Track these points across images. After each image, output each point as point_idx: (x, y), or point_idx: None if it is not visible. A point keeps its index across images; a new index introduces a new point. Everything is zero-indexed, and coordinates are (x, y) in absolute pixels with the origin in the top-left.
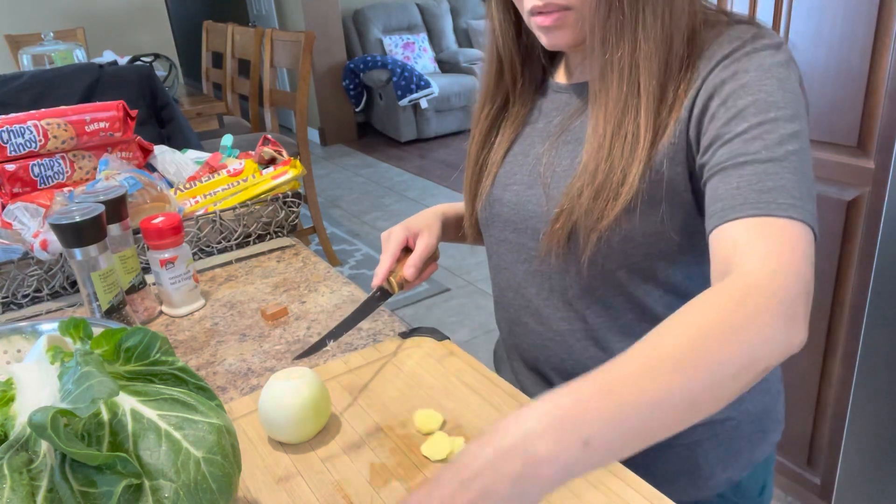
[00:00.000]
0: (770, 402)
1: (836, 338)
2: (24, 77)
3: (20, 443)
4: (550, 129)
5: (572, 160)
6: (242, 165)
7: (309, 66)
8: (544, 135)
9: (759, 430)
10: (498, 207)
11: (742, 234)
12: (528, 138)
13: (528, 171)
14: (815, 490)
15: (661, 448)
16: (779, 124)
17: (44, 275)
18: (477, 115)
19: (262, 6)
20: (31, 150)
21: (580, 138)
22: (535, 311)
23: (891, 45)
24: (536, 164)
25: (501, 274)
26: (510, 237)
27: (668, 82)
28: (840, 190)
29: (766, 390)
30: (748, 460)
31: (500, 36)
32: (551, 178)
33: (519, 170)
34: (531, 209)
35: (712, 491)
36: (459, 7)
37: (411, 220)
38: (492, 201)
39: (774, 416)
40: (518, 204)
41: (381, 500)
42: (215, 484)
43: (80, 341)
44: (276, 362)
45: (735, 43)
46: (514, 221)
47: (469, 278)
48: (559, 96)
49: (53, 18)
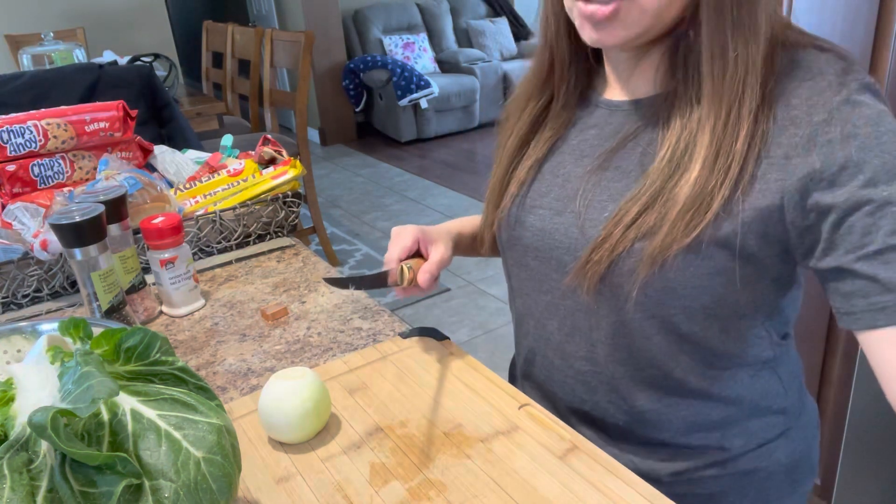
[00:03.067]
0: (805, 450)
1: (836, 338)
2: (24, 77)
3: (20, 443)
4: (585, 150)
5: (612, 192)
6: (242, 165)
7: (309, 66)
8: (577, 154)
9: (790, 481)
10: (520, 230)
11: None
12: (559, 155)
13: (557, 194)
14: (815, 490)
15: (685, 496)
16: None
17: (44, 275)
18: (517, 114)
19: (262, 6)
20: (31, 150)
21: (626, 168)
22: (556, 346)
23: (891, 45)
24: (567, 188)
25: (522, 300)
26: (532, 264)
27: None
28: None
29: (801, 438)
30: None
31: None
32: (586, 209)
33: (548, 191)
34: (559, 239)
35: None
36: (459, 7)
37: (426, 227)
38: (513, 222)
39: (808, 465)
40: (543, 231)
41: (381, 500)
42: (215, 484)
43: (80, 341)
44: (276, 362)
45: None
46: (538, 248)
47: (469, 278)
48: (603, 113)
49: (53, 18)
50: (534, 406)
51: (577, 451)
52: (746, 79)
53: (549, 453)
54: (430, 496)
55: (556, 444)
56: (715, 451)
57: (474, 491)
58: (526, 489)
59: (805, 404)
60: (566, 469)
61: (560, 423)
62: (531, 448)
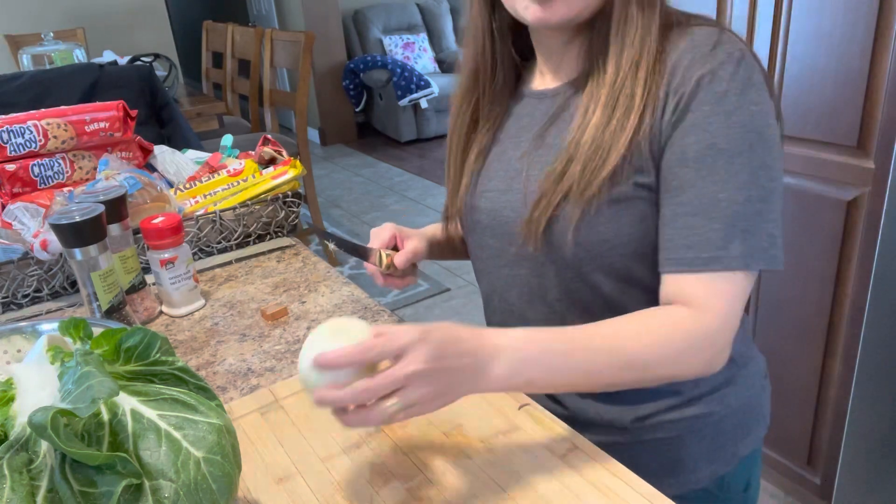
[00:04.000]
0: (753, 397)
1: (836, 338)
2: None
3: (20, 443)
4: (521, 136)
5: (544, 165)
6: (242, 165)
7: (309, 66)
8: (515, 140)
9: (743, 425)
10: (476, 214)
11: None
12: (501, 144)
13: (502, 176)
14: (815, 490)
15: (645, 442)
16: (721, 166)
17: (44, 275)
18: (456, 115)
19: (262, 6)
20: (31, 150)
21: (556, 144)
22: (519, 314)
23: (891, 45)
24: (510, 169)
25: (485, 279)
26: (490, 242)
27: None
28: (840, 190)
29: (749, 386)
30: (732, 455)
31: (479, 31)
32: (528, 181)
33: (494, 175)
34: (507, 214)
35: (697, 485)
36: (459, 7)
37: (403, 227)
38: (469, 209)
39: (759, 412)
40: (494, 210)
41: (381, 500)
42: (215, 484)
43: (80, 341)
44: (276, 362)
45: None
46: (492, 227)
47: (469, 278)
48: (532, 102)
49: (53, 18)
50: (534, 406)
51: (577, 451)
52: (645, 39)
53: (550, 453)
54: (430, 496)
55: (556, 444)
56: (670, 396)
57: (474, 491)
58: (526, 489)
59: (753, 356)
60: (566, 469)
61: (560, 422)
62: (531, 448)
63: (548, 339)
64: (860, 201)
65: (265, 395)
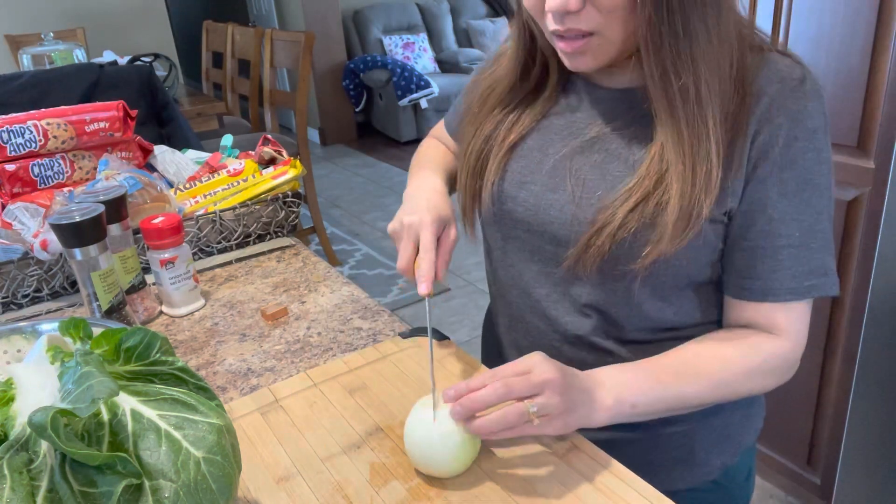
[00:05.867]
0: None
1: (836, 338)
2: (24, 77)
3: (20, 443)
4: (574, 131)
5: (602, 174)
6: (242, 165)
7: (309, 66)
8: (564, 134)
9: (746, 415)
10: (511, 205)
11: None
12: (545, 134)
13: (547, 171)
14: (815, 490)
15: (659, 436)
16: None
17: (44, 275)
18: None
19: (262, 6)
20: (31, 150)
21: (613, 151)
22: (542, 312)
23: (891, 45)
24: (558, 167)
25: (506, 270)
26: (522, 236)
27: (727, 108)
28: (840, 190)
29: None
30: (738, 445)
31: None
32: (580, 188)
33: (536, 168)
34: (553, 215)
35: (707, 477)
36: (459, 7)
37: (434, 205)
38: (503, 198)
39: (758, 401)
40: (537, 206)
41: (381, 500)
42: (215, 484)
43: (80, 341)
44: (276, 362)
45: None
46: (530, 223)
47: (469, 278)
48: (589, 98)
49: (53, 18)
50: None
51: (577, 451)
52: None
53: (550, 453)
54: (430, 496)
55: (557, 444)
56: None
57: (474, 491)
58: (526, 489)
59: None
60: (566, 469)
61: None
62: (531, 448)
63: (642, 367)
64: (860, 201)
65: (265, 395)
